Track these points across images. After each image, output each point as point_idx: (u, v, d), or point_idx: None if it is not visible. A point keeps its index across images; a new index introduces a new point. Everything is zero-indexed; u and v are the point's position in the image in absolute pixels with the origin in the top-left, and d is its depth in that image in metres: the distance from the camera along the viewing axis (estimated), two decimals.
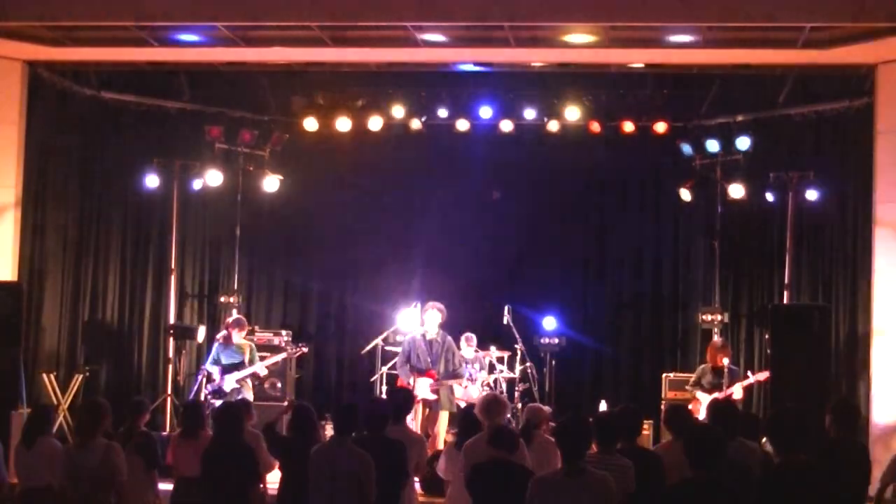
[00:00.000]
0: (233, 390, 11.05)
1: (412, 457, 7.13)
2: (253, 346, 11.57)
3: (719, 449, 5.16)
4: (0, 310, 10.26)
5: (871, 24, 9.80)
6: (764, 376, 10.68)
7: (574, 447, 5.46)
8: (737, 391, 10.61)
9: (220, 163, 12.91)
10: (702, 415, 10.38)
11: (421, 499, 8.25)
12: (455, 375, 11.24)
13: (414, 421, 10.68)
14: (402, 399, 7.54)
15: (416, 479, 7.49)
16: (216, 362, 11.18)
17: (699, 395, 10.88)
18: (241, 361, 11.20)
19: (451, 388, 11.20)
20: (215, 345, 11.38)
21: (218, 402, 9.73)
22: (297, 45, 11.00)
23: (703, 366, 11.19)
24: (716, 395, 10.56)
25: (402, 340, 11.46)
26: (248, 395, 11.10)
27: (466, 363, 11.74)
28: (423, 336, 11.24)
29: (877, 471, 6.91)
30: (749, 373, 10.75)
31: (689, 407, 10.65)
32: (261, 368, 11.33)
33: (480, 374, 11.67)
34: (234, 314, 12.50)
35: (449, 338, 11.37)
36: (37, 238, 11.79)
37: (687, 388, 11.28)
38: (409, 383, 10.98)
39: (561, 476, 5.42)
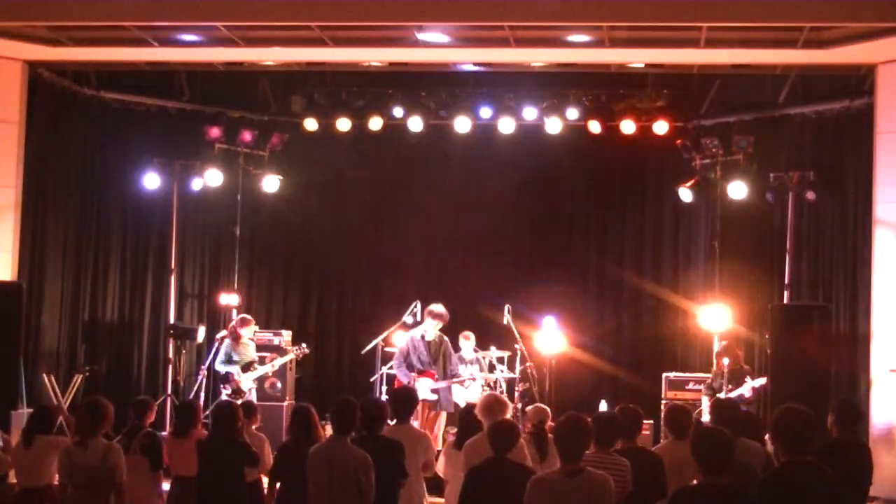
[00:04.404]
0: (249, 390, 11.10)
1: (419, 454, 7.12)
2: (254, 345, 11.65)
3: (729, 452, 5.10)
4: (0, 310, 10.26)
5: (871, 24, 9.81)
6: (760, 382, 10.69)
7: (573, 447, 5.45)
8: (745, 390, 10.62)
9: (220, 163, 12.91)
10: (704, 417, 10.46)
11: None
12: (453, 376, 11.28)
13: (416, 421, 10.69)
14: (405, 398, 7.53)
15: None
16: (231, 362, 11.20)
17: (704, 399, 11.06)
18: (253, 360, 11.28)
19: (449, 389, 11.24)
20: (224, 344, 11.41)
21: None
22: (297, 45, 11.01)
23: (713, 370, 11.27)
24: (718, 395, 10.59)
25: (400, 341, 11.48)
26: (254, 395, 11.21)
27: (466, 363, 11.76)
28: (422, 337, 11.25)
29: (878, 471, 6.90)
30: (748, 378, 10.74)
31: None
32: (276, 367, 11.44)
33: (481, 373, 11.68)
34: (234, 314, 12.52)
35: (446, 339, 11.39)
36: (37, 238, 11.78)
37: (702, 388, 11.43)
38: (407, 384, 10.98)
39: (560, 476, 5.41)
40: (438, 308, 11.28)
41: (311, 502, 6.36)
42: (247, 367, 11.26)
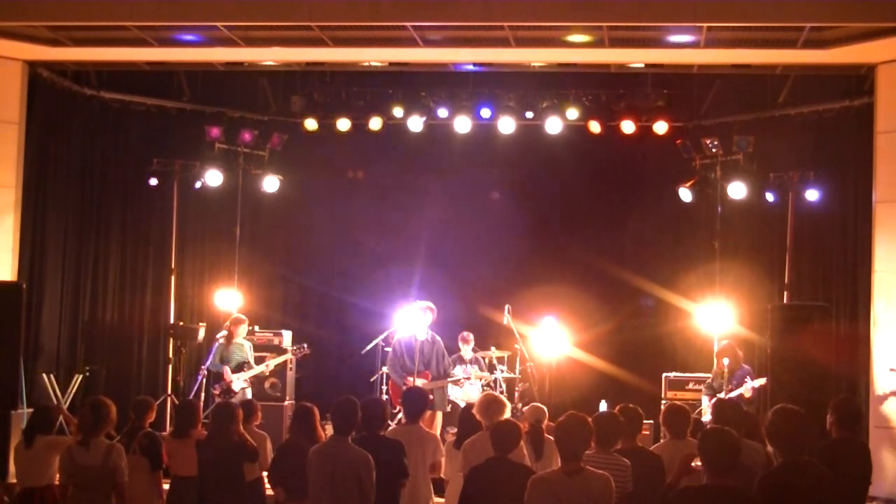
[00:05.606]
0: (241, 389, 11.10)
1: (427, 455, 7.15)
2: (251, 344, 11.64)
3: (736, 454, 5.09)
4: (0, 310, 10.26)
5: (871, 24, 9.82)
6: (760, 383, 10.71)
7: (574, 446, 5.45)
8: (745, 390, 10.66)
9: (220, 163, 12.90)
10: (705, 417, 10.49)
11: None
12: (446, 376, 11.30)
13: None
14: (416, 398, 7.54)
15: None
16: (222, 362, 11.21)
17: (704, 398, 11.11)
18: (246, 360, 11.27)
19: (444, 389, 11.25)
20: (217, 344, 11.41)
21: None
22: (297, 45, 11.01)
23: (713, 370, 11.31)
24: (719, 395, 10.61)
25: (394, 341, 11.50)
26: (249, 394, 11.18)
27: (465, 363, 11.77)
28: (414, 337, 11.26)
29: (878, 471, 6.91)
30: (748, 378, 10.76)
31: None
32: (270, 367, 11.43)
33: (480, 373, 11.68)
34: (234, 314, 12.51)
35: (438, 338, 11.41)
36: (37, 238, 11.77)
37: (702, 387, 11.46)
38: (402, 385, 10.99)
39: (560, 475, 5.41)
40: (425, 302, 11.32)
41: (312, 502, 6.37)
42: (239, 368, 11.24)
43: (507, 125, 12.94)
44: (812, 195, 11.77)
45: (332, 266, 14.23)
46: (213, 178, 12.76)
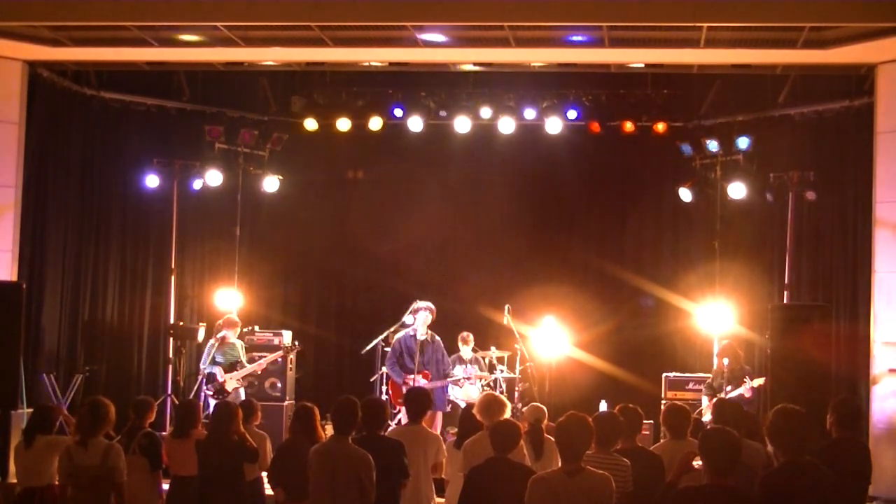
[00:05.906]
0: (234, 389, 11.11)
1: (430, 455, 7.16)
2: (243, 344, 11.66)
3: (737, 454, 5.09)
4: (0, 310, 10.26)
5: (871, 24, 9.82)
6: (759, 382, 10.71)
7: (574, 446, 5.45)
8: (745, 390, 10.66)
9: (220, 163, 12.90)
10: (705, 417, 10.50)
11: None
12: (446, 376, 11.30)
13: None
14: (419, 399, 7.54)
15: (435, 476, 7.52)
16: (214, 363, 11.23)
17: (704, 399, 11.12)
18: (238, 360, 11.28)
19: (444, 389, 11.25)
20: (208, 345, 11.43)
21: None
22: (297, 45, 11.01)
23: (714, 369, 11.31)
24: (719, 395, 10.62)
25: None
26: (242, 394, 11.21)
27: (465, 363, 11.77)
28: (414, 337, 11.26)
29: (878, 471, 6.90)
30: (747, 378, 10.77)
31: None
32: (261, 366, 11.42)
33: (480, 373, 11.68)
34: (234, 314, 12.51)
35: (438, 338, 11.41)
36: (37, 238, 11.77)
37: (702, 387, 11.45)
38: (401, 385, 10.99)
39: (561, 475, 5.41)
40: (425, 302, 11.32)
41: (312, 502, 6.37)
42: (232, 367, 11.26)
43: (507, 125, 12.94)
44: (812, 195, 11.76)
45: (332, 266, 14.23)
46: (213, 178, 12.76)
